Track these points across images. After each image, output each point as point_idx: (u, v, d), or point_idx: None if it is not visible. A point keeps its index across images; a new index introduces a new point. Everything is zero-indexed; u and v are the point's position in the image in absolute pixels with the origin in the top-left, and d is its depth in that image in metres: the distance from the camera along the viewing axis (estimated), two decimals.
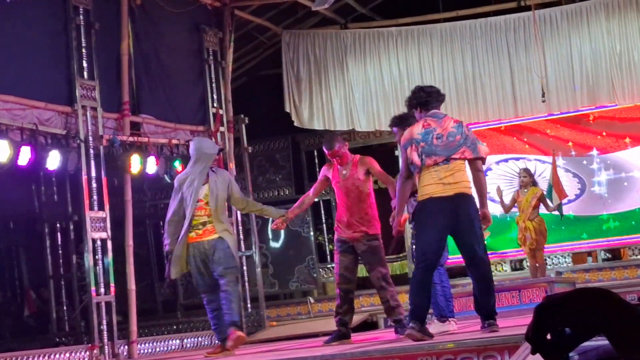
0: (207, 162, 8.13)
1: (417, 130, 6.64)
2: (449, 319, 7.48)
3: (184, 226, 8.00)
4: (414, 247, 6.87)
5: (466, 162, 6.71)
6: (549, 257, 14.00)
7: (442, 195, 6.54)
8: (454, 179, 6.58)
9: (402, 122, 7.65)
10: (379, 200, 8.44)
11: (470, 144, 6.67)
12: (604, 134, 14.27)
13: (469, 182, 6.74)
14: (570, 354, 1.85)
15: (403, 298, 14.27)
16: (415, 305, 6.57)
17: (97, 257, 10.38)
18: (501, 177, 14.29)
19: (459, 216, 6.60)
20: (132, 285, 11.00)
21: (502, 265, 14.68)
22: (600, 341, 1.98)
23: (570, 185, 13.99)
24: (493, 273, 14.20)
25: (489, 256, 14.23)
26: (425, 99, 6.81)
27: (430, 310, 7.23)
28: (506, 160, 14.60)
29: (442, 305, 7.53)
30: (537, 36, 13.58)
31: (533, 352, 1.96)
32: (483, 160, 6.81)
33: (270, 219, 8.40)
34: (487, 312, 6.74)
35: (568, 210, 13.69)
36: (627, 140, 14.17)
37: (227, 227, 8.19)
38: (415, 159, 6.57)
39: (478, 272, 6.79)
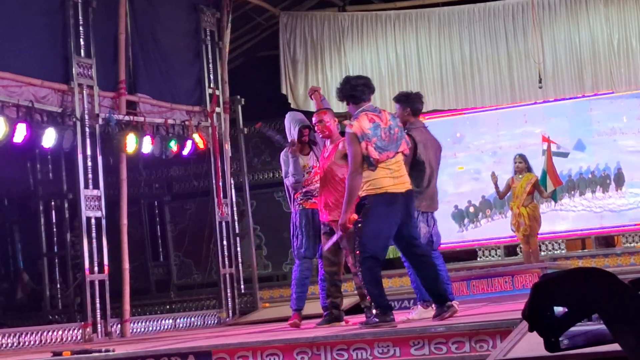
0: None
1: (366, 125, 6.54)
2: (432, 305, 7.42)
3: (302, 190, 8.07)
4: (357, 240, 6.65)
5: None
6: (542, 244, 14.00)
7: (396, 191, 6.57)
8: (400, 173, 6.65)
9: (407, 100, 7.58)
10: None
11: (403, 136, 6.75)
12: None
13: None
14: (560, 338, 1.87)
15: (396, 282, 14.42)
16: (381, 296, 6.67)
17: (91, 235, 10.39)
18: None
19: (409, 212, 6.68)
20: (125, 264, 11.00)
21: (495, 250, 14.69)
22: (589, 326, 1.99)
23: None
24: (487, 258, 14.42)
25: (484, 241, 14.40)
26: (350, 93, 6.73)
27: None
28: None
29: (424, 290, 7.48)
30: (535, 22, 13.54)
31: (530, 330, 1.99)
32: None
33: None
34: (444, 297, 6.83)
35: None
36: None
37: None
38: (374, 154, 6.50)
39: (427, 262, 6.83)
